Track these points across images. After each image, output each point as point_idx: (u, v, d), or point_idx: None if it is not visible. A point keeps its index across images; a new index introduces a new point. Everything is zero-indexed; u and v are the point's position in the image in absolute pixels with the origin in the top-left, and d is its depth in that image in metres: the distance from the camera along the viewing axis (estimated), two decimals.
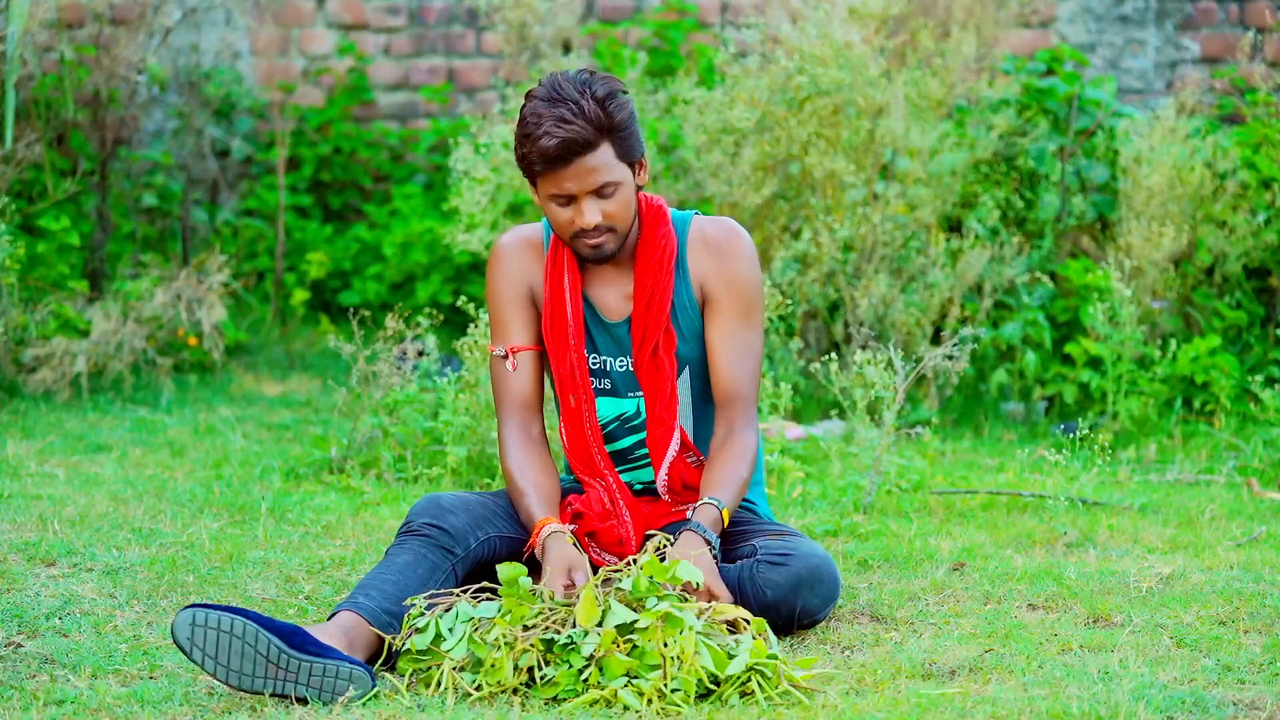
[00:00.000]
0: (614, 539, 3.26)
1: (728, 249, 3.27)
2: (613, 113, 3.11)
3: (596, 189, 3.13)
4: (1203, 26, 7.42)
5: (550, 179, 3.13)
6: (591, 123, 3.09)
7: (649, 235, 3.25)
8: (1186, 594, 3.44)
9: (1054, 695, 2.77)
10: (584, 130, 3.08)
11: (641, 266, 3.24)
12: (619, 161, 3.14)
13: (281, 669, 2.76)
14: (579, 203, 3.13)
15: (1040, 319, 5.68)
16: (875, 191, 5.81)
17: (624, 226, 3.18)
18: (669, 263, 3.24)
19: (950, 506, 4.33)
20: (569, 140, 3.08)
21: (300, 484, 4.56)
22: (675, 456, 3.26)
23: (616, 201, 3.15)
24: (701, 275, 3.27)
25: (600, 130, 3.10)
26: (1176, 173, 5.79)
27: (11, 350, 5.81)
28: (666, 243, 3.25)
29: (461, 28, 7.60)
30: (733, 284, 3.26)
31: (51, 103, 6.60)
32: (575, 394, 3.28)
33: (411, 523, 3.14)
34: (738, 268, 3.26)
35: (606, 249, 3.18)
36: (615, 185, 3.14)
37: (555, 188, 3.13)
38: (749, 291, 3.26)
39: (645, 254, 3.25)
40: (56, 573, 3.53)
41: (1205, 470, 4.89)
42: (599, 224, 3.14)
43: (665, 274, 3.23)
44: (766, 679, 2.82)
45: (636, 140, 3.17)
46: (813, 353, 5.82)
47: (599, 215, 3.13)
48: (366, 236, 7.19)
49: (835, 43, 5.60)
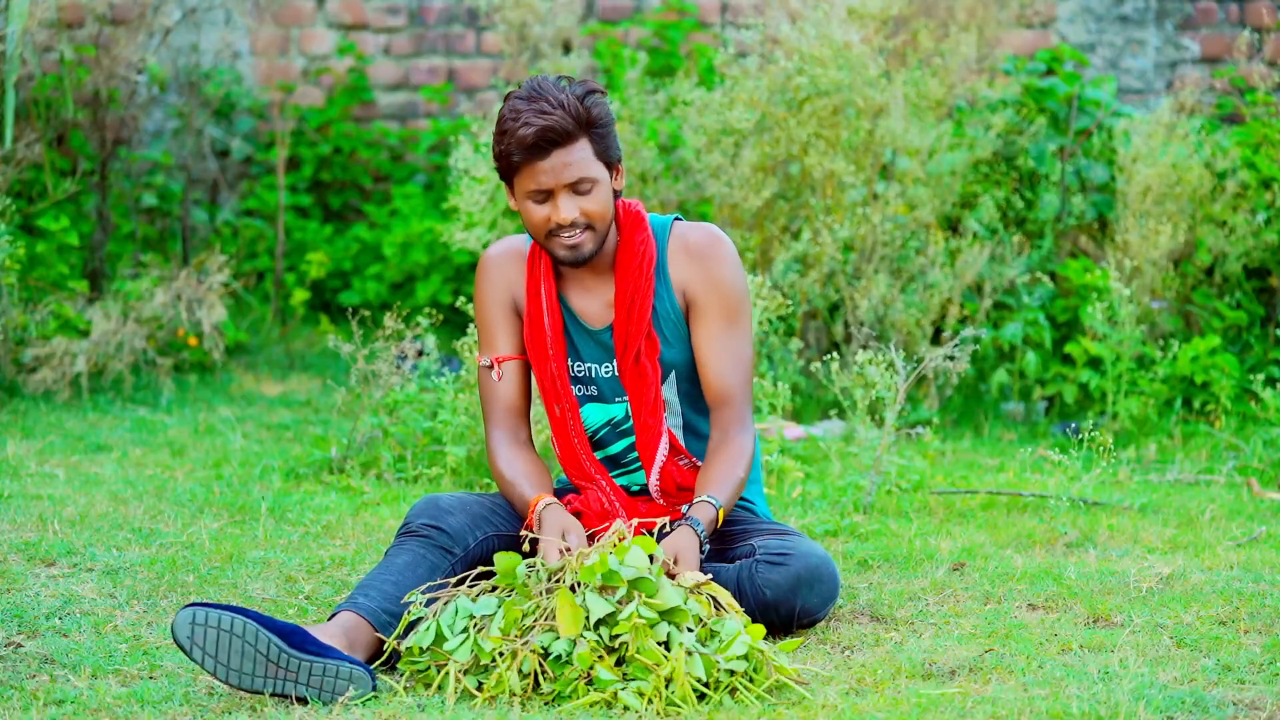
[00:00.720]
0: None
1: (710, 254, 3.26)
2: (590, 107, 3.13)
3: (573, 183, 3.13)
4: (1202, 26, 7.42)
5: (527, 173, 3.13)
6: (570, 115, 3.11)
7: (628, 241, 3.25)
8: (1186, 594, 3.44)
9: (1054, 695, 2.77)
10: (563, 121, 3.10)
11: (621, 273, 3.24)
12: (596, 160, 3.15)
13: (281, 668, 2.76)
14: (555, 198, 3.14)
15: (1040, 319, 5.68)
16: (875, 192, 5.81)
17: (602, 227, 3.18)
18: (649, 268, 3.24)
19: (950, 506, 4.33)
20: (547, 129, 3.09)
21: (300, 484, 4.56)
22: (666, 459, 3.27)
23: (594, 199, 3.15)
24: (684, 281, 3.26)
25: (579, 123, 3.12)
26: (1176, 172, 5.79)
27: (11, 350, 5.81)
28: (645, 248, 3.24)
29: (461, 28, 7.60)
30: (716, 288, 3.25)
31: (51, 103, 6.60)
32: (559, 403, 3.29)
33: (410, 524, 3.15)
34: (720, 272, 3.25)
35: (584, 250, 3.18)
36: (592, 183, 3.14)
37: (532, 182, 3.13)
38: (733, 295, 3.25)
39: (625, 260, 3.24)
40: (56, 573, 3.53)
41: (1205, 470, 4.89)
42: (575, 220, 3.14)
43: (645, 280, 3.23)
44: (756, 674, 2.83)
45: (614, 142, 3.18)
46: (813, 353, 5.82)
47: (576, 211, 3.14)
48: (366, 236, 7.19)
49: (834, 43, 5.60)
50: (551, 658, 2.81)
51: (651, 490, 3.28)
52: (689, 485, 3.28)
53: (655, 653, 2.79)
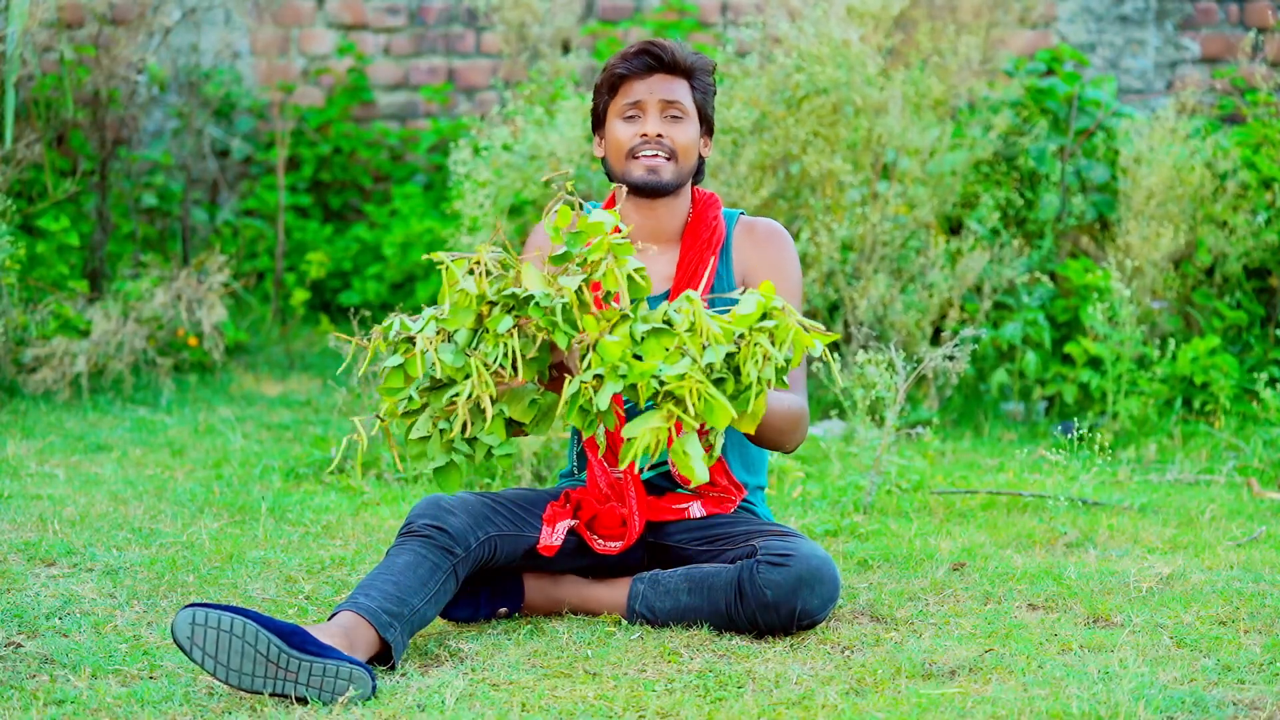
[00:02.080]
0: (616, 520, 3.27)
1: (773, 241, 3.38)
2: (695, 60, 3.33)
3: (666, 102, 3.30)
4: (1203, 26, 7.42)
5: (626, 89, 3.31)
6: (676, 56, 3.31)
7: (700, 214, 3.37)
8: (1186, 594, 3.44)
9: (1054, 695, 2.77)
10: (669, 56, 3.30)
11: (689, 241, 3.35)
12: (693, 104, 3.32)
13: (281, 668, 2.76)
14: (645, 115, 3.29)
15: (1040, 319, 5.68)
16: (875, 191, 5.81)
17: (684, 162, 3.32)
18: (716, 243, 3.34)
19: (950, 506, 4.33)
20: (655, 53, 3.30)
21: (300, 484, 4.56)
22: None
23: (682, 130, 3.31)
24: (745, 263, 3.36)
25: (683, 66, 3.31)
26: (1176, 173, 5.79)
27: (11, 350, 5.81)
28: (717, 224, 3.37)
29: (461, 28, 7.61)
30: (775, 270, 3.34)
31: (51, 103, 6.60)
32: None
33: (412, 524, 3.15)
34: (780, 256, 3.36)
35: (662, 176, 3.29)
36: (684, 113, 3.31)
37: (627, 97, 3.31)
38: (790, 279, 3.34)
39: (694, 229, 3.36)
40: (56, 573, 3.53)
41: (1205, 470, 4.89)
42: (660, 135, 3.28)
43: (710, 251, 3.33)
44: (777, 331, 2.83)
45: (711, 104, 3.36)
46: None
47: (661, 127, 3.29)
48: (366, 236, 7.19)
49: (833, 41, 5.60)
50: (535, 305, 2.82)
51: (672, 468, 3.28)
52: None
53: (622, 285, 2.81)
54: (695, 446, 2.83)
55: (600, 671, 2.94)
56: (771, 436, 3.19)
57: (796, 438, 3.22)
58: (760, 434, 3.17)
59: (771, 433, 3.17)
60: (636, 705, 2.76)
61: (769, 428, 3.14)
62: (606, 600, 3.28)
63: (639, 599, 3.23)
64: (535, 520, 3.25)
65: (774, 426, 3.15)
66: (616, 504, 3.28)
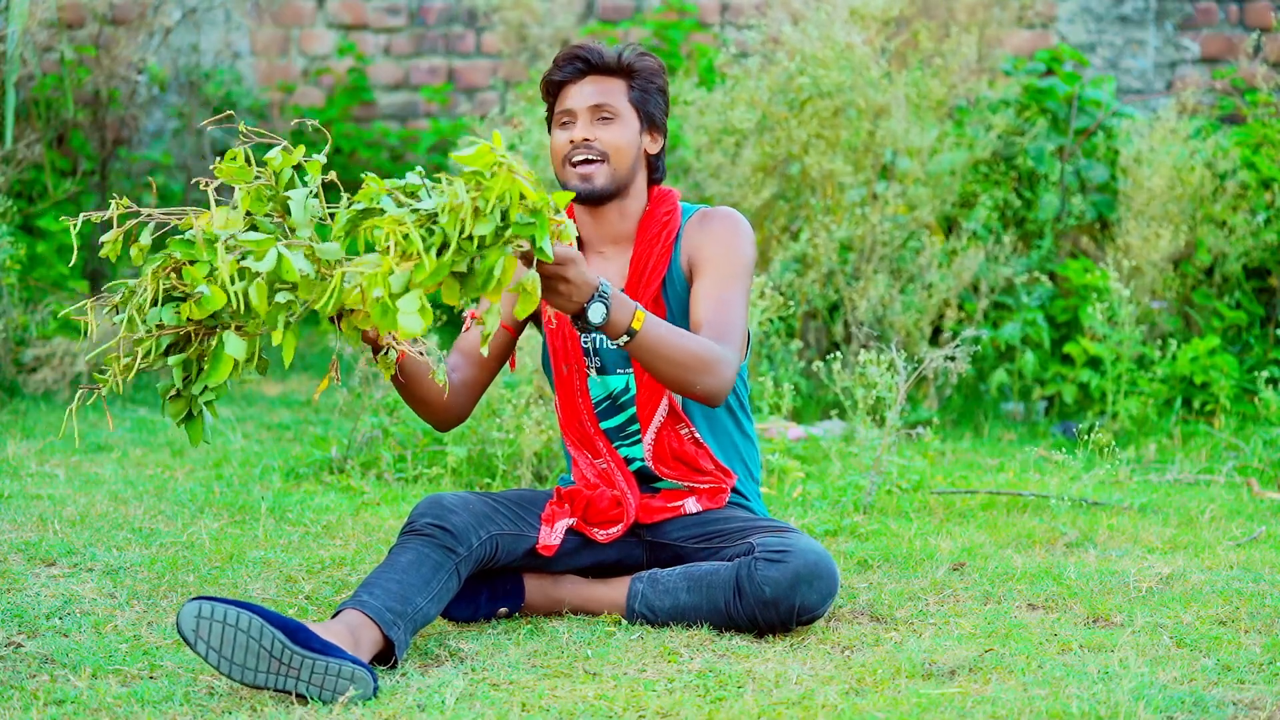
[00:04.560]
0: (610, 504, 3.27)
1: (722, 221, 3.31)
2: (634, 60, 3.28)
3: (596, 106, 3.24)
4: (1203, 26, 7.42)
5: (561, 96, 3.28)
6: (606, 58, 3.26)
7: (653, 211, 3.32)
8: (1186, 594, 3.44)
9: (1054, 695, 2.77)
10: (602, 57, 3.26)
11: (641, 238, 3.30)
12: (629, 105, 3.27)
13: (284, 664, 2.76)
14: (576, 121, 3.25)
15: (1039, 319, 5.68)
16: (875, 192, 5.81)
17: (617, 164, 3.25)
18: (669, 239, 3.29)
19: (950, 506, 4.33)
20: (585, 55, 3.26)
21: (300, 484, 4.56)
22: (663, 422, 3.27)
23: (612, 131, 3.25)
24: (691, 247, 3.30)
25: (616, 67, 3.27)
26: (1176, 173, 5.79)
27: (12, 350, 5.81)
28: (670, 220, 3.31)
29: (461, 28, 7.61)
30: (718, 247, 3.26)
31: (51, 103, 6.60)
32: (568, 362, 3.33)
33: (414, 522, 3.15)
34: (724, 235, 3.28)
35: (595, 182, 3.25)
36: (615, 114, 3.26)
37: (561, 104, 3.27)
38: (733, 256, 3.25)
39: (646, 226, 3.31)
40: (56, 573, 3.53)
41: (1205, 470, 4.89)
42: (588, 141, 3.23)
43: (663, 248, 3.29)
44: (491, 183, 2.73)
45: (656, 100, 3.30)
46: (813, 353, 5.83)
47: (591, 133, 3.24)
48: None
49: (837, 44, 5.60)
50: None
51: (645, 453, 3.28)
52: (687, 459, 3.29)
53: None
54: (411, 301, 2.79)
55: (600, 671, 2.94)
56: (666, 369, 3.04)
57: (706, 381, 3.07)
58: (651, 363, 3.04)
59: (664, 364, 3.03)
60: (636, 705, 2.76)
61: (659, 357, 3.02)
62: (606, 600, 3.28)
63: (638, 598, 3.23)
64: (535, 520, 3.26)
65: (666, 357, 3.02)
66: (606, 488, 3.29)
